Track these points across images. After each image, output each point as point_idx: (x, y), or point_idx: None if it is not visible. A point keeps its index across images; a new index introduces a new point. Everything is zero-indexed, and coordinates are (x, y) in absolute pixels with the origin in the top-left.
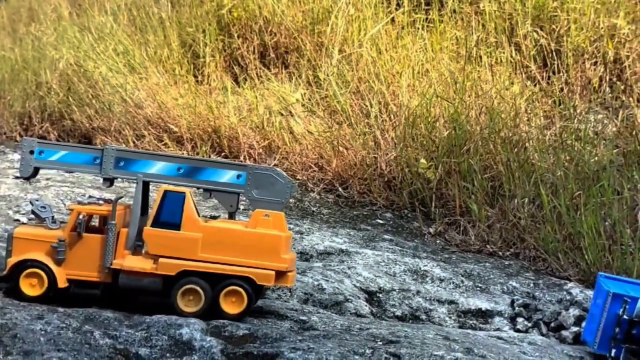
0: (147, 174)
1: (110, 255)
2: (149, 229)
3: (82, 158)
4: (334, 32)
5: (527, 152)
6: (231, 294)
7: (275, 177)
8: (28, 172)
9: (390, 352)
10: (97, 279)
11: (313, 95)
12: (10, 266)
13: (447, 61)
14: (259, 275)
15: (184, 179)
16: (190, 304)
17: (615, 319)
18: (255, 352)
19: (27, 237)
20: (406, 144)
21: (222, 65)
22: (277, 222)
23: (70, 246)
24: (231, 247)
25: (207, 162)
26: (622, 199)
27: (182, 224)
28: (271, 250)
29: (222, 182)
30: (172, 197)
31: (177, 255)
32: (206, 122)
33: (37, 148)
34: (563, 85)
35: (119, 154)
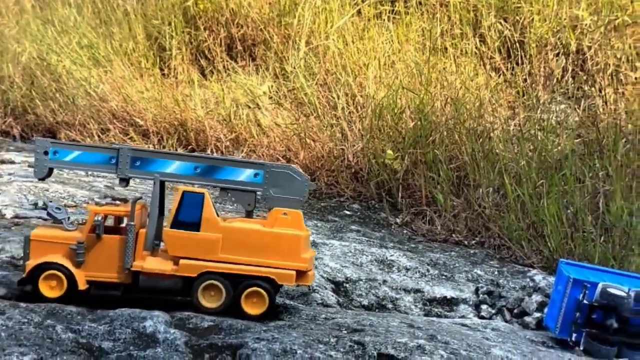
0: (163, 174)
1: (130, 256)
2: (168, 230)
3: (97, 158)
4: (300, 25)
5: (491, 142)
6: (252, 295)
7: (292, 174)
8: (43, 173)
9: (354, 340)
10: (117, 280)
11: (280, 87)
12: (29, 269)
13: (413, 53)
14: (280, 275)
15: (201, 178)
16: (211, 299)
17: (575, 304)
18: (219, 343)
19: (44, 240)
20: (373, 135)
21: (189, 58)
22: (295, 221)
23: (89, 248)
24: (251, 247)
25: (224, 160)
26: (583, 187)
27: (202, 225)
28: (291, 249)
29: (239, 180)
30: (190, 198)
31: (197, 256)
32: (172, 115)
33: (52, 148)
34: (526, 76)
35: (135, 154)
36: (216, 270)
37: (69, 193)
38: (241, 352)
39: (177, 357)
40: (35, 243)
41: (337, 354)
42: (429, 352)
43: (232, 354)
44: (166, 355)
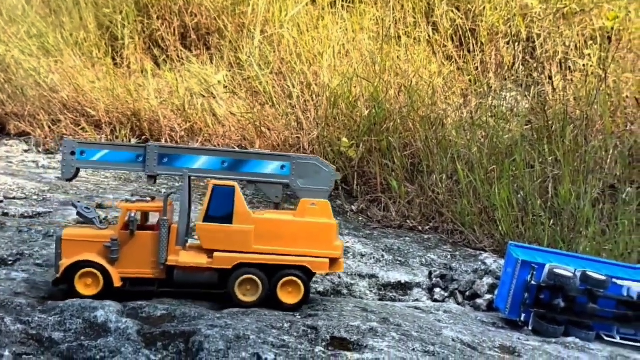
0: (192, 169)
1: (164, 251)
2: (201, 224)
3: (124, 156)
4: (255, 13)
5: (444, 129)
6: (287, 284)
7: (319, 165)
8: (70, 173)
9: (308, 324)
10: (151, 276)
11: (235, 76)
12: (63, 268)
13: (368, 41)
14: (314, 263)
15: (228, 172)
16: (247, 293)
17: (524, 285)
18: (172, 331)
19: (76, 239)
20: (328, 123)
21: (142, 47)
22: (323, 210)
23: (122, 245)
24: (284, 237)
25: (251, 154)
26: (533, 172)
27: (234, 217)
28: (324, 238)
29: (266, 173)
30: (221, 192)
31: (231, 249)
32: (125, 106)
33: (79, 149)
34: (478, 64)
35: (163, 151)
36: (251, 262)
37: (18, 185)
38: (194, 340)
39: (129, 346)
40: (67, 242)
41: (290, 339)
42: (381, 334)
43: (185, 342)
44: (118, 344)
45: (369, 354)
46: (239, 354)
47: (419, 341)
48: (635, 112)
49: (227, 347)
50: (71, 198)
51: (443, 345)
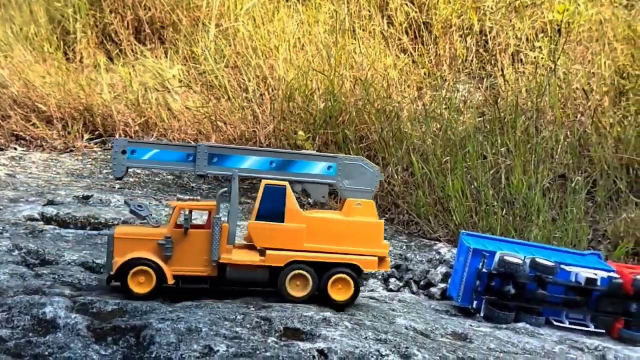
0: (241, 169)
1: (217, 249)
2: (253, 223)
3: (174, 156)
4: (210, 7)
5: (399, 121)
6: (337, 282)
7: (364, 166)
8: (121, 172)
9: (261, 316)
10: (203, 273)
11: (190, 70)
12: (117, 265)
13: (323, 35)
14: (363, 262)
15: (276, 172)
16: (298, 289)
17: (475, 273)
18: (122, 326)
19: (129, 237)
20: (284, 116)
21: (95, 41)
22: (368, 210)
23: (175, 243)
24: (334, 236)
25: (298, 154)
26: (486, 163)
27: (286, 216)
28: (372, 237)
29: (313, 173)
30: (272, 191)
31: (283, 247)
32: (77, 101)
33: (129, 147)
34: (432, 56)
35: (213, 150)
36: (302, 259)
37: None
38: (145, 333)
39: (78, 342)
40: (120, 241)
41: (242, 330)
42: (334, 323)
43: (136, 336)
44: (67, 340)
45: (320, 343)
46: (191, 346)
47: (372, 329)
48: (585, 103)
49: (178, 339)
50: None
51: (395, 333)
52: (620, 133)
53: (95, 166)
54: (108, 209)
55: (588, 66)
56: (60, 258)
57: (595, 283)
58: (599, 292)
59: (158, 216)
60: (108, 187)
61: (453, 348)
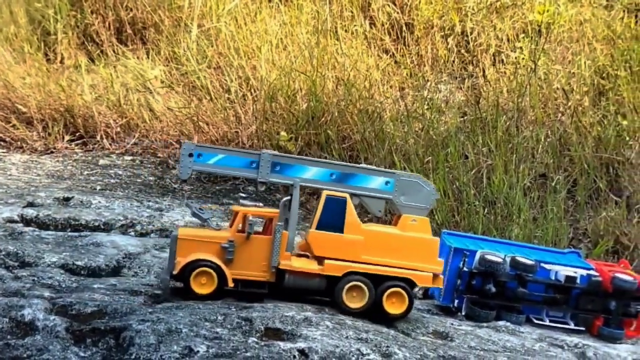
0: (302, 179)
1: (277, 255)
2: (314, 232)
3: (239, 162)
4: (192, 7)
5: (382, 121)
6: (392, 295)
7: (421, 184)
8: (187, 174)
9: (242, 316)
10: (262, 279)
11: (172, 71)
12: (181, 266)
13: (305, 35)
14: (418, 277)
15: (336, 184)
16: (354, 300)
17: (456, 272)
18: (102, 327)
19: (193, 239)
20: (267, 117)
21: (76, 42)
22: (423, 227)
23: (237, 247)
24: (390, 250)
25: (358, 168)
26: (467, 163)
27: (345, 228)
28: (428, 253)
29: (371, 187)
30: (333, 202)
31: (341, 257)
32: (58, 102)
33: (196, 151)
34: (414, 57)
35: (276, 159)
36: (360, 271)
37: None
38: (125, 335)
39: (57, 344)
40: (183, 241)
41: (223, 331)
42: (315, 323)
43: (116, 337)
44: (46, 342)
45: (301, 343)
46: (171, 347)
47: (353, 329)
48: (565, 102)
49: (158, 341)
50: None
51: (376, 332)
52: (600, 133)
53: (76, 168)
54: (89, 211)
55: (568, 66)
56: (40, 260)
57: (575, 281)
58: (579, 290)
59: (140, 217)
60: (89, 188)
61: (434, 347)
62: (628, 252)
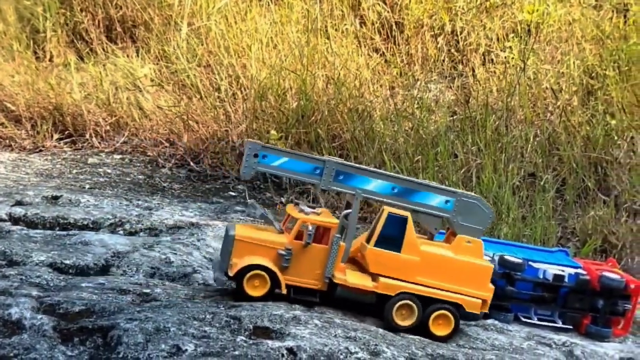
0: (364, 190)
1: (332, 266)
2: (372, 249)
3: (302, 166)
4: (182, 5)
5: (372, 120)
6: (439, 317)
7: (480, 206)
8: (250, 174)
9: (230, 315)
10: (314, 287)
11: (162, 69)
12: (238, 268)
13: (296, 34)
14: (467, 302)
15: (396, 198)
16: (402, 317)
17: None
18: (90, 326)
19: (250, 241)
20: (257, 116)
21: (65, 40)
22: (477, 249)
23: (294, 254)
24: (444, 273)
25: (420, 185)
26: (457, 162)
27: (403, 247)
28: (480, 279)
29: (430, 205)
30: (394, 220)
31: (396, 276)
32: (47, 100)
33: (262, 152)
34: (404, 56)
35: (340, 167)
36: (412, 292)
37: None
38: (112, 334)
39: (44, 343)
40: (240, 243)
41: (211, 330)
42: (303, 322)
43: (103, 336)
44: (33, 341)
45: (290, 341)
46: (158, 346)
47: (342, 327)
48: (554, 102)
49: (146, 339)
50: None
51: (365, 331)
52: (589, 132)
53: (65, 166)
54: (77, 209)
55: (557, 66)
56: (28, 259)
57: (563, 280)
58: (567, 288)
59: (129, 216)
60: (78, 187)
61: (422, 345)
62: (616, 250)
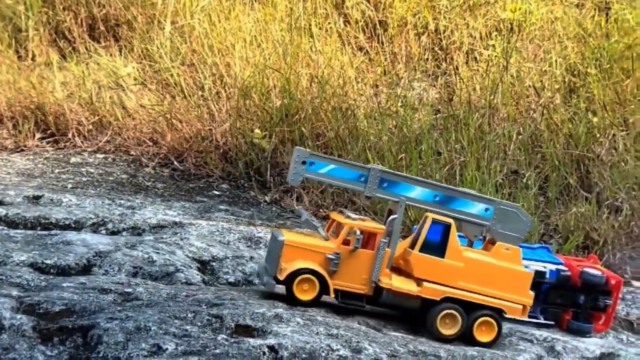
0: (407, 197)
1: (378, 271)
2: (417, 254)
3: (348, 174)
4: (165, 4)
5: (356, 119)
6: (482, 324)
7: (519, 214)
8: (298, 181)
9: (212, 314)
10: (361, 291)
11: (145, 68)
12: (288, 273)
13: (280, 33)
14: (509, 308)
15: (437, 206)
16: (446, 326)
17: None
18: (70, 326)
19: (299, 246)
20: (240, 114)
21: (47, 39)
22: (515, 256)
23: (342, 259)
24: (486, 278)
25: (461, 193)
26: (440, 160)
27: (447, 253)
28: (521, 285)
29: (471, 213)
30: (437, 226)
31: (439, 281)
32: (29, 99)
33: (309, 159)
34: (388, 55)
35: (384, 175)
36: (456, 297)
37: None
38: (92, 333)
39: (23, 343)
40: (289, 248)
41: (192, 328)
42: (286, 319)
43: (83, 336)
44: (12, 341)
45: (271, 339)
46: (139, 345)
47: (324, 325)
48: (537, 100)
49: (126, 339)
50: None
51: (347, 328)
52: (571, 130)
53: (47, 166)
54: (59, 209)
55: (540, 64)
56: (9, 259)
57: (544, 276)
58: (548, 284)
59: (111, 216)
60: (60, 187)
61: (405, 342)
62: (598, 247)
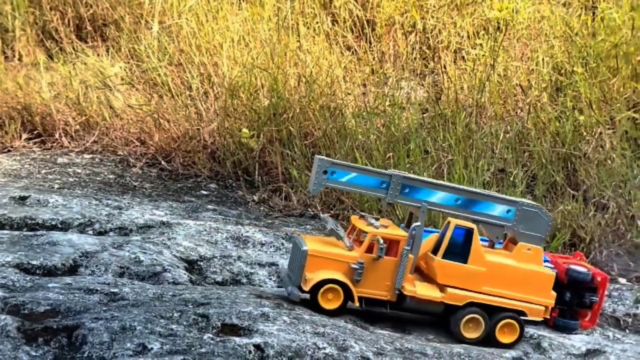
0: (429, 202)
1: (402, 278)
2: (440, 260)
3: (370, 181)
4: (153, 4)
5: (344, 118)
6: (504, 326)
7: (540, 215)
8: (319, 190)
9: (198, 313)
10: (384, 298)
11: (133, 68)
12: (313, 283)
13: (267, 32)
14: (531, 310)
15: (459, 210)
16: (469, 330)
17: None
18: (55, 326)
19: (323, 256)
20: (228, 114)
21: (34, 39)
22: (536, 256)
23: (366, 267)
24: (509, 282)
25: (483, 195)
26: (428, 159)
27: (470, 258)
28: (543, 287)
29: (493, 214)
30: (460, 231)
31: (463, 287)
32: (15, 100)
33: (330, 169)
34: (376, 54)
35: (406, 181)
36: (479, 301)
37: None
38: (77, 333)
39: (7, 343)
40: (313, 258)
41: (178, 328)
42: (272, 318)
43: (68, 336)
44: None
45: (257, 338)
46: (124, 344)
47: (310, 323)
48: (524, 98)
49: (111, 338)
50: None
51: (334, 327)
52: (558, 128)
53: (33, 166)
54: (46, 210)
55: (527, 63)
56: None
57: None
58: None
59: (98, 216)
60: (46, 187)
61: (391, 340)
62: (584, 244)
